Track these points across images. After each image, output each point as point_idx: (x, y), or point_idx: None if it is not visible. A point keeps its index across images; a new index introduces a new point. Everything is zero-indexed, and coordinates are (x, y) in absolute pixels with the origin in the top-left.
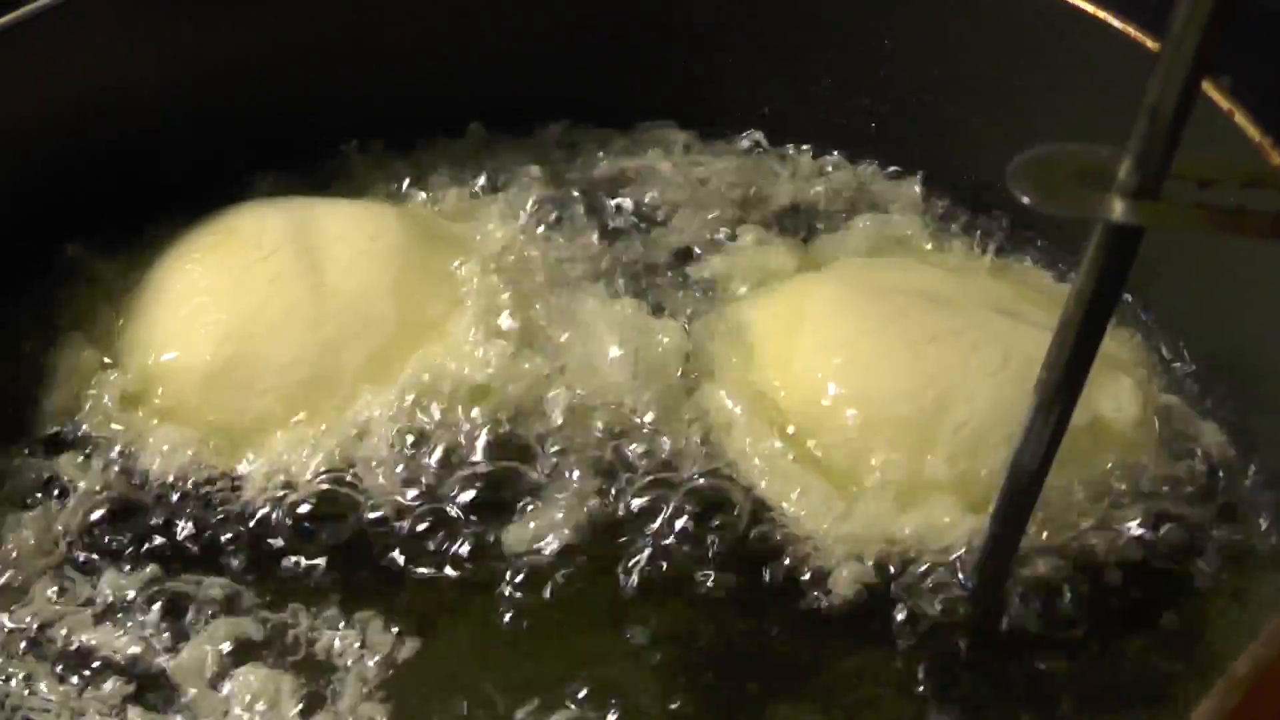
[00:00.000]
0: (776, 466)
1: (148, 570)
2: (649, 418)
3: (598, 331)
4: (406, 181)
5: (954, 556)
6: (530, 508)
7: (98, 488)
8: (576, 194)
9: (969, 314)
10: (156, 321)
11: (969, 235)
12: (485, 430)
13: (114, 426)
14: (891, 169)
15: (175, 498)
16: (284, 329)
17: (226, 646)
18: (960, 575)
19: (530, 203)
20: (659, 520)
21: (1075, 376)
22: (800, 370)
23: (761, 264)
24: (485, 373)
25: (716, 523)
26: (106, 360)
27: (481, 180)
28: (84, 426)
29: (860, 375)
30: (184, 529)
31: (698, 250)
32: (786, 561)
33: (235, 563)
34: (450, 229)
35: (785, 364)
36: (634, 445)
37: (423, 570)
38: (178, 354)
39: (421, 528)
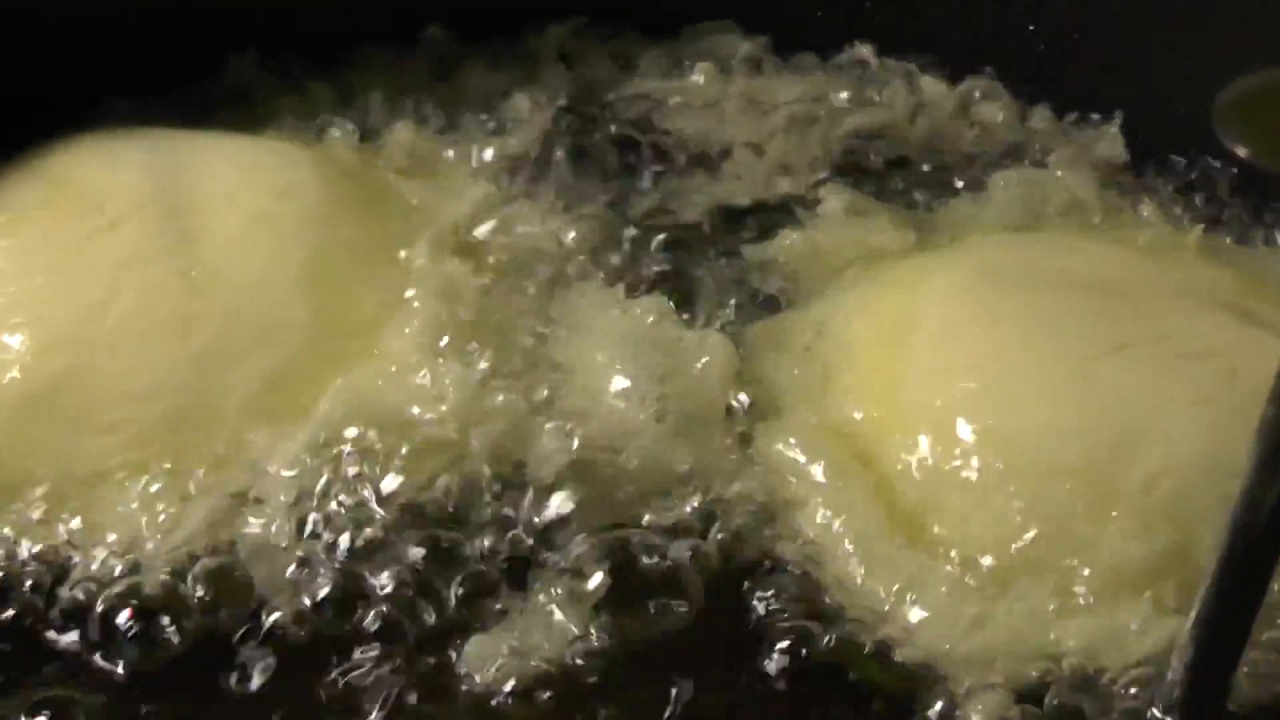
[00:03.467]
0: (875, 550)
1: None
2: (683, 477)
3: (608, 347)
4: (330, 114)
5: (1143, 680)
6: (502, 618)
7: None
8: (584, 136)
9: (1167, 314)
10: None
11: (1169, 199)
12: (436, 497)
13: None
14: (1059, 103)
15: None
16: (138, 335)
17: None
18: (1154, 709)
19: (514, 149)
20: (700, 634)
21: None
22: (909, 401)
23: (855, 241)
24: (439, 410)
25: (788, 637)
26: None
27: (442, 114)
28: None
29: (1001, 407)
30: None
31: (760, 221)
32: (892, 690)
33: (55, 675)
34: (394, 186)
35: (887, 393)
36: (660, 520)
37: (335, 706)
38: None
39: (335, 642)
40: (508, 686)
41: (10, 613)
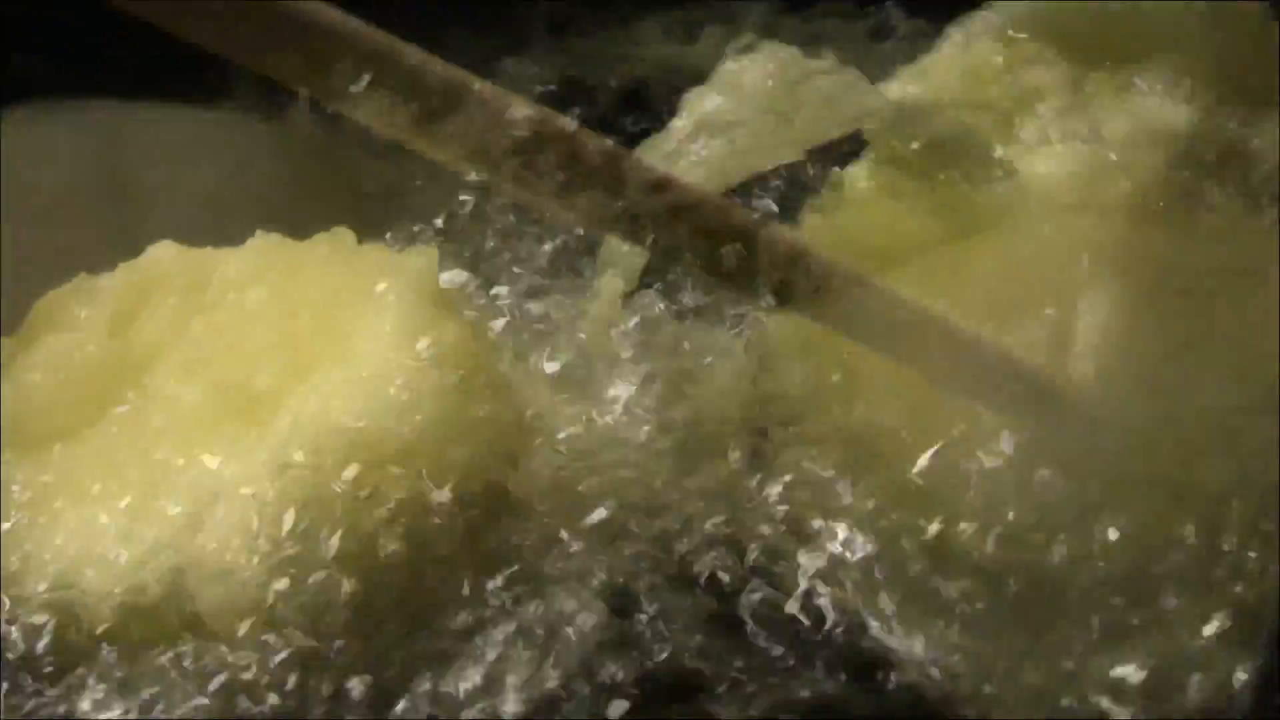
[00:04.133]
0: (906, 576)
1: None
2: (693, 501)
3: (605, 349)
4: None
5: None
6: (483, 654)
7: None
8: (579, 112)
9: (1239, 308)
10: None
11: (1241, 178)
12: (412, 518)
13: None
14: (1116, 69)
15: None
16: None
17: None
18: None
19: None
20: (712, 676)
21: None
22: (947, 407)
23: (884, 226)
24: (414, 420)
25: (802, 673)
26: None
27: None
28: None
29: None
30: None
31: (777, 205)
32: None
33: None
34: (364, 167)
35: (920, 398)
36: (664, 543)
37: None
38: None
39: (302, 677)
40: None
41: None
